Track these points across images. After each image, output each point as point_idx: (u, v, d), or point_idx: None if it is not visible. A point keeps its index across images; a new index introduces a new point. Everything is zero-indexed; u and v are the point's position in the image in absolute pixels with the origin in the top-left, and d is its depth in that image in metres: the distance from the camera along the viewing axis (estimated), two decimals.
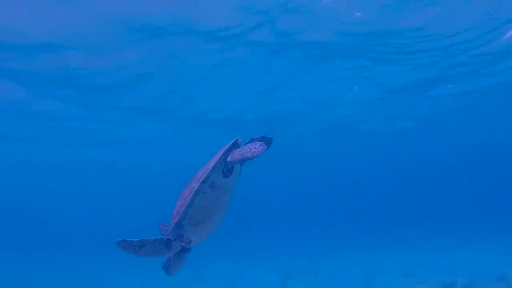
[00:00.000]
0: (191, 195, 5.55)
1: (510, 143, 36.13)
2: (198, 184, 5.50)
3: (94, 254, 32.67)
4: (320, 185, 60.98)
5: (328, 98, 18.22)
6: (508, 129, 29.55)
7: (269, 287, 16.75)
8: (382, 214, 62.12)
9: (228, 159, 5.64)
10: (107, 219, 67.40)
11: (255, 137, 5.85)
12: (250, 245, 36.19)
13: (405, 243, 27.15)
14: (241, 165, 5.67)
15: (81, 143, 23.29)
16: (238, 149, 5.54)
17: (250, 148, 5.45)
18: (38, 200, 51.28)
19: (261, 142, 5.42)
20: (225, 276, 19.42)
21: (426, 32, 10.90)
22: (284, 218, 67.85)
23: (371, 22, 10.17)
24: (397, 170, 51.26)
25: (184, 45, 11.05)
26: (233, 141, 5.67)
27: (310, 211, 77.47)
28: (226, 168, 5.73)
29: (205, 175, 5.48)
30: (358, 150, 33.53)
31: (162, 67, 12.68)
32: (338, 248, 27.70)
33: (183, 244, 5.90)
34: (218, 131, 22.57)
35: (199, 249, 5.92)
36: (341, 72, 14.53)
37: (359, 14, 9.76)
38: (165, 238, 5.68)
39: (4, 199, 47.33)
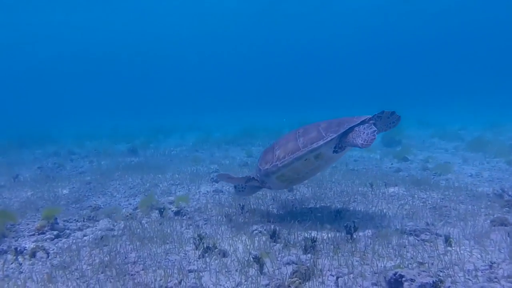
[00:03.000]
0: (293, 156, 5.58)
1: None
2: (305, 151, 5.51)
3: None
4: None
5: None
6: None
7: None
8: None
9: (346, 138, 5.54)
10: None
11: (378, 113, 5.77)
12: None
13: None
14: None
15: None
16: (356, 130, 5.42)
17: (361, 136, 5.32)
18: None
19: (373, 129, 5.28)
20: None
21: None
22: None
23: None
24: None
25: None
26: (364, 118, 5.58)
27: None
28: (339, 145, 5.69)
29: (315, 145, 5.45)
30: None
31: None
32: None
33: (262, 186, 6.32)
34: None
35: None
36: None
37: None
38: (251, 177, 6.23)
39: None
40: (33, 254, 5.08)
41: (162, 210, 6.82)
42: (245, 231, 5.69)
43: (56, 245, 5.55)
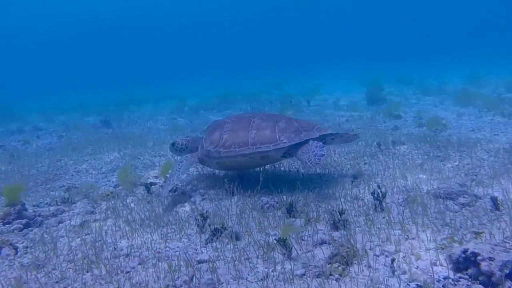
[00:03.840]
0: (238, 150, 5.20)
1: None
2: (252, 150, 5.14)
3: None
4: None
5: None
6: None
7: None
8: None
9: (296, 149, 5.14)
10: None
11: (340, 132, 5.79)
12: None
13: None
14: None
15: None
16: (308, 145, 5.07)
17: (310, 154, 4.93)
18: None
19: (322, 153, 4.89)
20: None
21: None
22: None
23: None
24: None
25: None
26: (324, 133, 5.34)
27: None
28: (289, 152, 5.29)
29: (264, 148, 5.12)
30: None
31: None
32: None
33: (200, 163, 5.83)
34: None
35: None
36: None
37: None
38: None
39: None
40: None
41: (148, 186, 5.87)
42: (254, 205, 4.81)
43: (26, 237, 4.57)
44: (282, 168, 6.53)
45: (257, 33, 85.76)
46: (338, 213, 4.04)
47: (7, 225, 4.87)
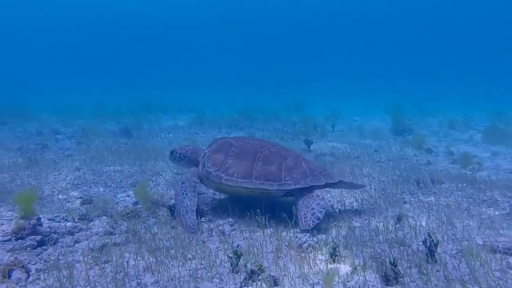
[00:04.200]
0: (240, 181, 4.99)
1: None
2: (255, 184, 4.95)
3: None
4: None
5: None
6: None
7: None
8: None
9: (301, 199, 4.93)
10: None
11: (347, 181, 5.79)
12: None
13: None
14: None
15: None
16: (310, 196, 4.90)
17: (308, 211, 4.75)
18: None
19: (321, 213, 4.71)
20: None
21: None
22: None
23: None
24: None
25: None
26: (332, 181, 5.16)
27: None
28: (291, 193, 5.11)
29: (267, 186, 4.93)
30: None
31: None
32: None
33: (200, 181, 5.56)
34: None
35: None
36: None
37: None
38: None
39: None
40: (7, 274, 3.68)
41: (172, 208, 5.45)
42: (290, 243, 4.36)
43: (39, 256, 4.17)
44: None
45: (277, 51, 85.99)
46: (390, 264, 3.57)
47: (20, 241, 4.48)
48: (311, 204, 4.77)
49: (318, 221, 4.63)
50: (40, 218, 4.81)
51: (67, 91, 42.72)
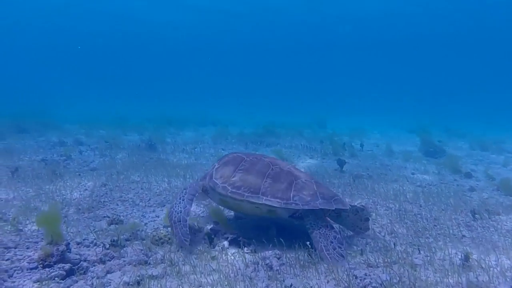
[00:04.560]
0: (246, 196, 4.73)
1: None
2: (261, 201, 4.67)
3: None
4: None
5: None
6: None
7: None
8: None
9: (315, 231, 4.59)
10: None
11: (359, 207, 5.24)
12: None
13: None
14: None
15: None
16: (325, 231, 4.57)
17: (328, 246, 4.43)
18: None
19: (341, 254, 4.38)
20: None
21: None
22: None
23: None
24: None
25: None
26: (336, 207, 4.76)
27: None
28: (298, 216, 4.81)
29: (274, 203, 4.65)
30: None
31: None
32: None
33: (204, 192, 5.40)
34: None
35: None
36: None
37: None
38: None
39: None
40: None
41: (210, 235, 4.98)
42: (350, 284, 3.84)
43: None
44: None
45: (299, 68, 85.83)
46: None
47: (47, 269, 4.05)
48: (328, 237, 4.49)
49: (343, 259, 4.32)
50: (69, 243, 4.39)
51: (88, 102, 43.02)
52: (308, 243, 4.44)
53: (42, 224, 4.46)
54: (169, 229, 5.28)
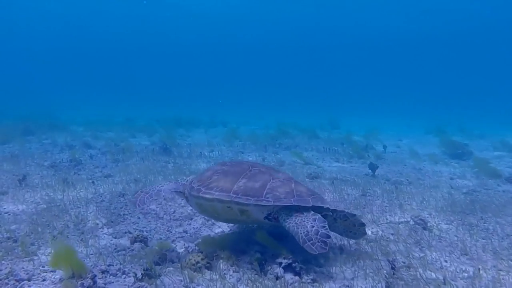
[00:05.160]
0: (217, 195, 4.43)
1: None
2: (231, 198, 4.32)
3: None
4: None
5: None
6: None
7: None
8: None
9: (290, 221, 4.12)
10: None
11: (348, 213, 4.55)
12: None
13: None
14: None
15: None
16: (303, 214, 4.11)
17: (308, 232, 3.90)
18: None
19: (326, 234, 3.87)
20: None
21: None
22: None
23: None
24: None
25: None
26: (325, 205, 4.30)
27: None
28: (275, 216, 4.36)
29: (243, 200, 4.27)
30: None
31: None
32: None
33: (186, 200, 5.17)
34: None
35: None
36: None
37: None
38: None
39: None
40: None
41: (261, 260, 4.19)
42: None
43: None
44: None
45: (311, 69, 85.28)
46: None
47: None
48: (308, 222, 3.99)
49: (328, 239, 3.82)
50: (95, 276, 3.60)
51: (94, 104, 42.42)
52: (385, 272, 3.64)
53: (57, 266, 3.71)
54: (203, 252, 4.51)
